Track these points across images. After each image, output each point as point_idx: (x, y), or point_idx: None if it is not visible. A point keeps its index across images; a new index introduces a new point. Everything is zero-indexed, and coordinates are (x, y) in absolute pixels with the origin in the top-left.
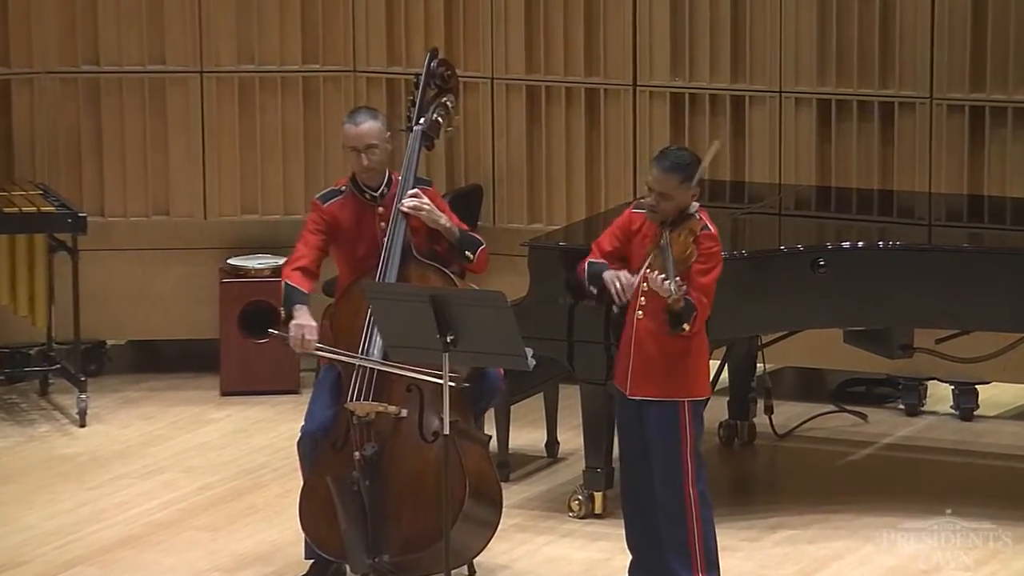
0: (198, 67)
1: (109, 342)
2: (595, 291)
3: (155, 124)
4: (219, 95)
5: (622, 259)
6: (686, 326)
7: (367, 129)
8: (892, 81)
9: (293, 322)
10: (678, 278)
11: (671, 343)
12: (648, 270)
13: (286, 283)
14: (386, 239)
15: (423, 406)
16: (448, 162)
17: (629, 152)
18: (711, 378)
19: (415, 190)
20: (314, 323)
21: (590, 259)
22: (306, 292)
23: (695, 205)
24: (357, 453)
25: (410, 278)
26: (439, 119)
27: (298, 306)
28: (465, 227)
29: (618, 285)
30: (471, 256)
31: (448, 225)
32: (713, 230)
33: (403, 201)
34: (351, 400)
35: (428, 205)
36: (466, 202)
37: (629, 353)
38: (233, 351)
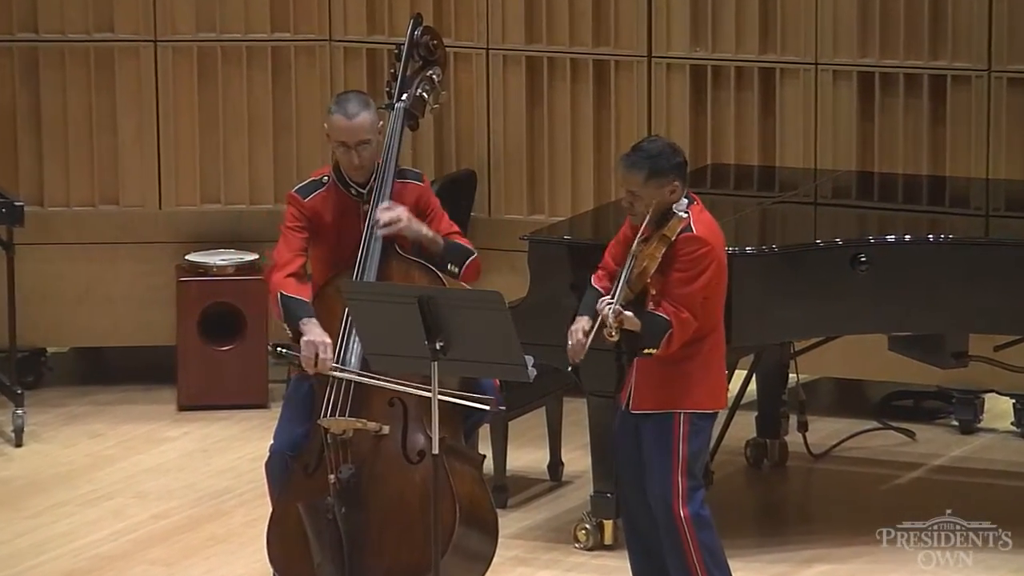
0: (151, 35)
1: (50, 350)
2: None
3: (102, 101)
4: (175, 67)
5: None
6: (650, 350)
7: (361, 123)
8: (944, 51)
9: (304, 338)
10: (620, 306)
11: (679, 352)
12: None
13: (282, 294)
14: (365, 229)
15: (407, 422)
16: (438, 145)
17: (643, 133)
18: (728, 389)
19: (386, 204)
20: (328, 339)
21: (593, 282)
22: (308, 301)
23: (683, 202)
24: (332, 476)
25: (392, 276)
26: (423, 95)
27: (306, 320)
28: (456, 228)
29: (571, 342)
30: (456, 270)
31: (431, 235)
32: (697, 231)
33: (378, 222)
34: (325, 416)
35: (405, 217)
36: (458, 190)
37: (633, 364)
38: (192, 360)
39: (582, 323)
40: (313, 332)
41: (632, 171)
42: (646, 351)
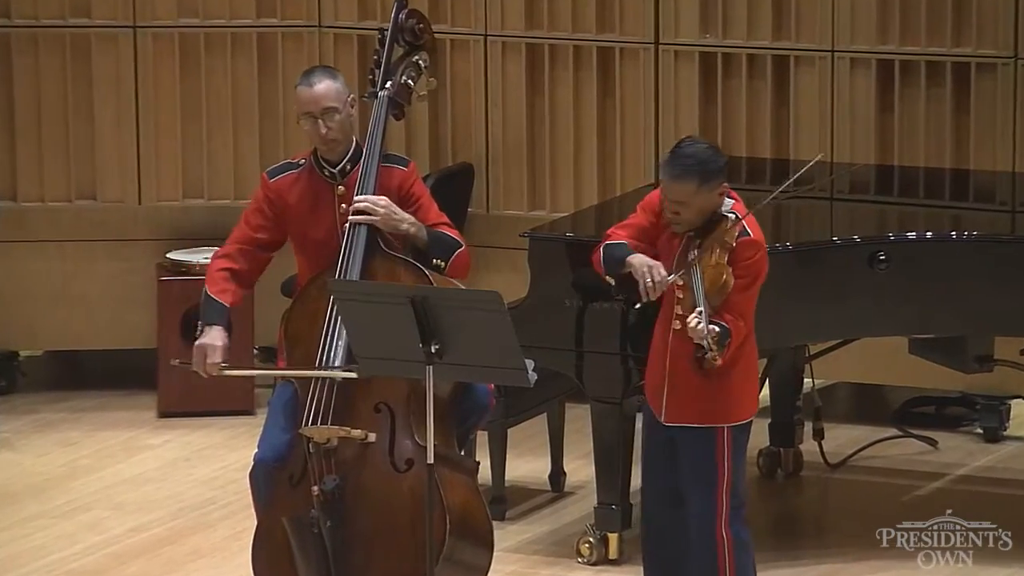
0: (130, 21)
1: (22, 353)
2: (613, 281)
3: (79, 90)
4: (156, 55)
5: (650, 244)
6: (718, 360)
7: (323, 90)
8: (968, 37)
9: (196, 343)
10: (712, 326)
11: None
12: (679, 282)
13: (205, 292)
14: (347, 230)
15: (394, 428)
16: (433, 137)
17: (650, 124)
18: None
19: (364, 196)
20: (220, 342)
21: (607, 242)
22: (227, 305)
23: (729, 203)
24: (315, 488)
25: (376, 275)
26: (409, 82)
27: (208, 327)
28: (444, 219)
29: (649, 280)
30: (441, 264)
31: (412, 230)
32: (753, 235)
33: (353, 207)
34: (306, 424)
35: (383, 207)
36: (454, 185)
37: (663, 371)
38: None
39: (651, 262)
40: (205, 336)
41: (682, 181)
42: (716, 361)
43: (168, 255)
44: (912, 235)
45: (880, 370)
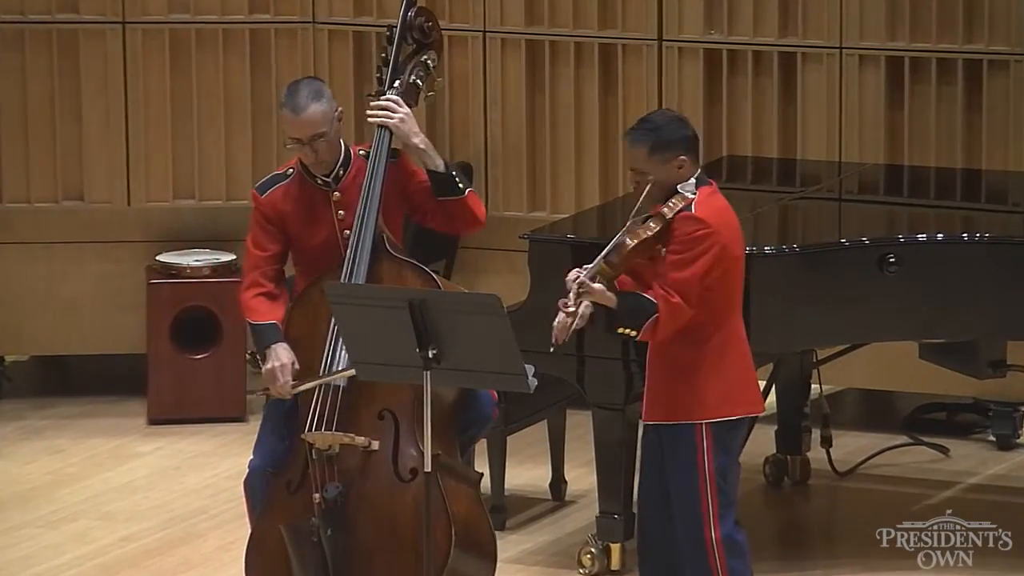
0: (119, 16)
1: (8, 358)
2: None
3: (66, 88)
4: (146, 51)
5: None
6: (626, 331)
7: (310, 117)
8: (980, 34)
9: (264, 368)
10: (588, 279)
11: (685, 353)
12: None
13: (250, 324)
14: (354, 227)
15: (398, 436)
16: (430, 136)
17: None
18: (760, 391)
19: (388, 97)
20: (286, 360)
21: None
22: (278, 323)
23: (692, 182)
24: (317, 495)
25: (382, 278)
26: (417, 81)
27: (270, 347)
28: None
29: (559, 317)
30: (461, 184)
31: (422, 146)
32: (697, 212)
33: (376, 105)
34: (309, 430)
35: (402, 111)
36: None
37: (644, 368)
38: (164, 370)
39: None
40: (270, 359)
41: (636, 145)
42: (622, 330)
43: (158, 257)
44: (923, 237)
45: (890, 376)
